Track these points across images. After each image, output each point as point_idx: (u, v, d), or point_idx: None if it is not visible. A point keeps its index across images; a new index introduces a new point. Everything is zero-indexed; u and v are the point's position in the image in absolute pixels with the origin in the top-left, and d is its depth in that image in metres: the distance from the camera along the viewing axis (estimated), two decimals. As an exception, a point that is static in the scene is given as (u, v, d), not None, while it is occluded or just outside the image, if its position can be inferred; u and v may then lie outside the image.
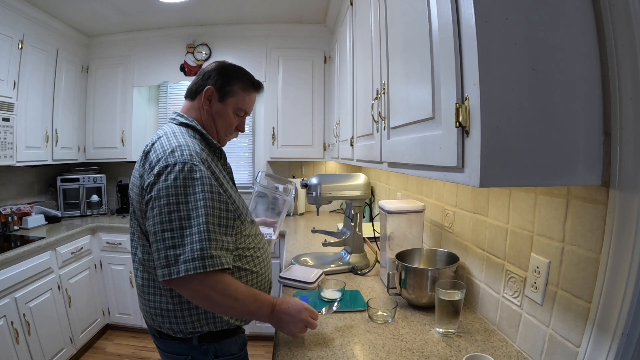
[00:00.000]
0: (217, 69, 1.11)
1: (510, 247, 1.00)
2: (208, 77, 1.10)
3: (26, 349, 1.99)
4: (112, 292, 2.79)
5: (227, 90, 1.10)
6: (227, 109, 1.11)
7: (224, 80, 1.10)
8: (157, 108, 3.39)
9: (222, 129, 1.13)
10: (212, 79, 1.10)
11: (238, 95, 1.11)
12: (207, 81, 1.10)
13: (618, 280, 0.63)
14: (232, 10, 2.76)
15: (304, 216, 3.13)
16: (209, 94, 1.09)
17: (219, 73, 1.10)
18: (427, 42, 0.77)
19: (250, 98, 1.15)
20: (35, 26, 2.52)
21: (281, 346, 1.00)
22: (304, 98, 2.98)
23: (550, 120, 0.60)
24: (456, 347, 0.97)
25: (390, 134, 1.11)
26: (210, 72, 1.11)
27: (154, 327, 1.05)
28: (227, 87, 1.10)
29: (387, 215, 1.39)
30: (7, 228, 2.47)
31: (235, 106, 1.12)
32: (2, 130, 2.24)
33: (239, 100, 1.12)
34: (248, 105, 1.15)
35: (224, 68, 1.12)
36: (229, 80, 1.10)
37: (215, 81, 1.09)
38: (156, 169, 0.92)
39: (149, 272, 1.01)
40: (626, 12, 0.59)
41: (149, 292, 1.01)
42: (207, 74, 1.11)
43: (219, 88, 1.09)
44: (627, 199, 0.62)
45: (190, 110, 1.11)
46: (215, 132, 1.12)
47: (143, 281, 1.02)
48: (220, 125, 1.12)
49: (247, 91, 1.13)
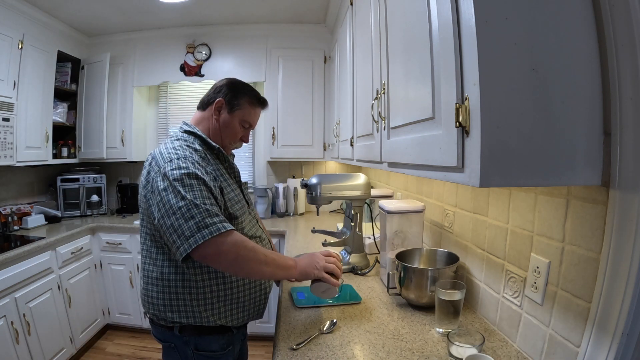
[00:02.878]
0: (227, 85, 1.23)
1: (510, 247, 1.00)
2: (219, 90, 1.22)
3: (26, 349, 1.99)
4: (112, 292, 2.79)
5: (236, 103, 1.21)
6: (234, 120, 1.22)
7: (233, 94, 1.21)
8: (157, 108, 3.39)
9: (227, 138, 1.23)
10: (222, 93, 1.22)
11: (245, 109, 1.23)
12: (218, 94, 1.22)
13: (618, 280, 0.63)
14: (232, 10, 2.76)
15: (304, 216, 3.13)
16: (219, 105, 1.21)
17: (229, 88, 1.22)
18: (427, 42, 0.77)
19: (255, 112, 1.27)
20: (35, 26, 2.52)
21: (281, 346, 1.00)
22: (304, 98, 2.98)
23: (550, 120, 0.60)
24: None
25: (390, 134, 1.11)
26: (222, 87, 1.23)
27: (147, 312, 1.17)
28: (235, 101, 1.21)
29: (387, 215, 1.39)
30: (7, 228, 2.47)
31: (242, 118, 1.23)
32: (2, 130, 2.24)
33: (245, 113, 1.23)
34: (253, 118, 1.27)
35: (234, 84, 1.24)
36: (237, 95, 1.22)
37: (225, 94, 1.21)
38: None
39: (145, 260, 1.13)
40: (626, 12, 0.59)
41: (144, 280, 1.13)
42: (218, 88, 1.23)
43: (228, 101, 1.21)
44: (627, 199, 0.62)
45: (201, 120, 1.23)
46: (221, 139, 1.23)
47: (142, 271, 1.15)
48: (226, 134, 1.23)
49: (253, 106, 1.25)
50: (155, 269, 1.10)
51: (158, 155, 1.08)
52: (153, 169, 1.06)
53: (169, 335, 1.12)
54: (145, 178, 1.07)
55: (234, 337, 1.17)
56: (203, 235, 0.95)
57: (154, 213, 1.02)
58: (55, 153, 2.88)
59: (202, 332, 1.10)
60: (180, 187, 0.99)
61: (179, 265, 1.07)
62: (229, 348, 1.16)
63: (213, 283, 1.09)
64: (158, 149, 1.11)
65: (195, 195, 0.99)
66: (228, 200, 1.11)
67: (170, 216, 0.97)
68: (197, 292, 1.07)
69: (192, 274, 1.07)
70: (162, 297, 1.08)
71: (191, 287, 1.07)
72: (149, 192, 1.05)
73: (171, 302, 1.08)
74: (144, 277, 1.13)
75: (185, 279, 1.07)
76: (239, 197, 1.18)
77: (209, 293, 1.08)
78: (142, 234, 1.14)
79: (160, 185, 1.01)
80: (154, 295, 1.10)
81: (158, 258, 1.10)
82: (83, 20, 2.79)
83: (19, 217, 2.62)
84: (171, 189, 0.99)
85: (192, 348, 1.10)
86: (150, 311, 1.12)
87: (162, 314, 1.09)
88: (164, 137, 3.39)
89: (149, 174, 1.06)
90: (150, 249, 1.11)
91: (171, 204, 0.98)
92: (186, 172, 1.01)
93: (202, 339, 1.11)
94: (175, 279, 1.07)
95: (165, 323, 1.10)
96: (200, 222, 0.96)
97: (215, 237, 0.96)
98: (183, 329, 1.10)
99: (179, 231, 0.96)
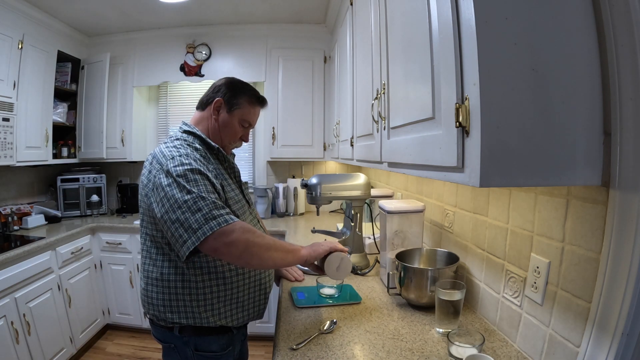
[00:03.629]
0: (226, 84, 1.21)
1: (510, 247, 1.00)
2: (218, 90, 1.21)
3: (26, 349, 1.99)
4: (112, 292, 2.79)
5: (235, 103, 1.19)
6: (233, 119, 1.20)
7: (232, 93, 1.20)
8: (157, 108, 3.39)
9: (226, 138, 1.22)
10: (221, 92, 1.20)
11: (244, 108, 1.21)
12: (217, 94, 1.20)
13: (618, 280, 0.63)
14: (232, 10, 2.76)
15: (304, 216, 3.13)
16: (218, 105, 1.19)
17: (228, 87, 1.20)
18: (427, 42, 0.77)
19: (254, 111, 1.25)
20: (35, 26, 2.52)
21: (281, 346, 1.00)
22: (304, 98, 2.98)
23: (550, 120, 0.60)
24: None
25: (390, 134, 1.11)
26: (220, 86, 1.21)
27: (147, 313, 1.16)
28: (234, 100, 1.19)
29: (387, 215, 1.39)
30: (7, 228, 2.47)
31: (241, 117, 1.21)
32: (2, 130, 2.24)
33: (244, 112, 1.21)
34: (252, 118, 1.25)
35: (233, 83, 1.22)
36: (236, 94, 1.20)
37: (224, 94, 1.19)
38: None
39: (145, 261, 1.13)
40: (626, 12, 0.59)
41: (144, 281, 1.13)
42: (217, 88, 1.22)
43: (227, 100, 1.19)
44: (627, 199, 0.62)
45: (200, 120, 1.22)
46: (220, 139, 1.21)
47: (142, 271, 1.15)
48: (225, 134, 1.21)
49: (252, 105, 1.23)
50: (155, 269, 1.09)
51: (159, 154, 1.07)
52: (154, 167, 1.05)
53: (169, 336, 1.11)
54: (147, 177, 1.07)
55: (234, 337, 1.17)
56: (211, 226, 0.94)
57: (155, 209, 1.01)
58: (55, 153, 2.88)
59: (202, 333, 1.10)
60: (184, 182, 0.98)
61: (179, 265, 1.07)
62: (229, 348, 1.16)
63: (213, 284, 1.09)
64: (158, 148, 1.11)
65: (200, 189, 0.98)
66: (229, 199, 1.11)
67: (175, 210, 0.96)
68: (197, 292, 1.07)
69: (192, 274, 1.07)
70: (162, 298, 1.08)
71: (191, 288, 1.07)
72: (150, 190, 1.03)
73: (171, 302, 1.08)
74: (143, 278, 1.13)
75: (185, 280, 1.07)
76: (239, 197, 1.18)
77: (209, 294, 1.08)
78: (142, 235, 1.14)
79: (164, 182, 1.00)
80: (153, 295, 1.10)
81: (158, 259, 1.10)
82: (83, 20, 2.79)
83: (19, 217, 2.62)
84: (175, 184, 0.98)
85: (192, 348, 1.10)
86: (150, 312, 1.12)
87: (162, 314, 1.09)
88: (164, 137, 3.39)
89: (150, 173, 1.06)
90: (150, 250, 1.11)
91: (176, 198, 0.97)
92: (189, 167, 1.01)
93: (202, 339, 1.11)
94: (175, 279, 1.07)
95: (165, 324, 1.10)
96: (208, 213, 0.95)
97: (224, 228, 0.95)
98: (183, 330, 1.10)
99: (186, 224, 0.95)
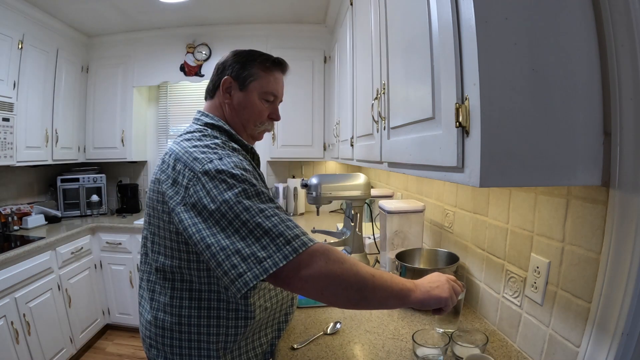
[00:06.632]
0: (230, 58, 0.99)
1: (510, 247, 1.00)
2: (223, 69, 0.99)
3: (26, 349, 1.99)
4: (112, 292, 2.80)
5: (246, 76, 0.96)
6: (251, 96, 0.97)
7: (240, 66, 0.97)
8: (157, 108, 3.39)
9: (250, 122, 0.98)
10: (227, 70, 0.98)
11: (260, 78, 0.97)
12: (223, 73, 0.98)
13: (618, 280, 0.63)
14: (232, 10, 2.76)
15: (304, 216, 3.13)
16: (227, 85, 0.97)
17: (233, 61, 0.98)
18: (427, 42, 0.77)
19: (275, 78, 1.01)
20: (35, 26, 2.52)
21: (281, 346, 1.00)
22: (304, 98, 2.98)
23: (550, 120, 0.60)
24: (456, 347, 0.96)
25: (390, 134, 1.11)
26: (224, 63, 0.99)
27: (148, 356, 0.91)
28: (245, 72, 0.96)
29: (387, 215, 1.39)
30: (7, 228, 2.47)
31: (260, 90, 0.98)
32: (2, 130, 2.24)
33: (262, 83, 0.98)
34: (274, 86, 1.00)
35: (238, 54, 0.99)
36: (245, 65, 0.97)
37: (232, 70, 0.97)
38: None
39: (153, 305, 0.88)
40: (626, 12, 0.59)
41: (149, 320, 0.88)
42: (221, 67, 1.00)
43: (236, 76, 0.96)
44: (627, 199, 0.62)
45: (212, 110, 0.99)
46: (243, 127, 0.99)
47: (145, 309, 0.92)
48: (247, 117, 0.98)
49: (268, 71, 0.99)
50: (171, 317, 0.85)
51: (183, 155, 0.81)
52: (181, 174, 0.79)
53: None
54: (173, 190, 0.79)
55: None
56: (294, 247, 0.71)
57: (197, 229, 0.73)
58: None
59: None
60: (254, 195, 0.76)
61: (203, 306, 0.84)
62: None
63: (240, 323, 0.87)
64: (179, 146, 0.85)
65: (269, 204, 0.77)
66: None
67: (240, 230, 0.72)
68: (221, 332, 0.86)
69: (223, 315, 0.85)
70: (179, 345, 0.86)
71: (219, 327, 0.85)
72: (183, 208, 0.76)
73: (191, 350, 0.85)
74: (149, 317, 0.88)
75: (212, 322, 0.84)
76: None
77: (232, 335, 0.87)
78: (146, 261, 0.91)
79: (225, 196, 0.73)
80: (166, 342, 0.86)
81: (175, 295, 0.85)
82: (83, 20, 2.79)
83: (19, 217, 2.62)
84: (243, 195, 0.74)
85: None
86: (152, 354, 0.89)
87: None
88: (164, 137, 3.39)
89: (175, 181, 0.79)
90: (164, 285, 0.86)
91: (253, 212, 0.73)
92: (244, 177, 0.77)
93: None
94: (198, 323, 0.84)
95: None
96: (288, 233, 0.73)
97: (309, 249, 0.72)
98: None
99: (249, 250, 0.71)
